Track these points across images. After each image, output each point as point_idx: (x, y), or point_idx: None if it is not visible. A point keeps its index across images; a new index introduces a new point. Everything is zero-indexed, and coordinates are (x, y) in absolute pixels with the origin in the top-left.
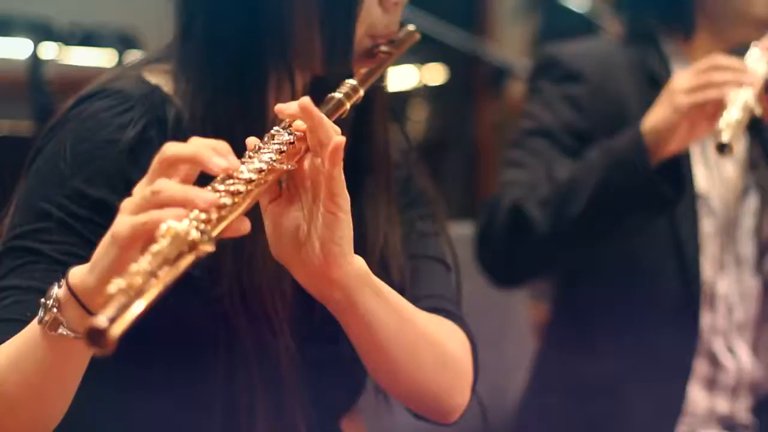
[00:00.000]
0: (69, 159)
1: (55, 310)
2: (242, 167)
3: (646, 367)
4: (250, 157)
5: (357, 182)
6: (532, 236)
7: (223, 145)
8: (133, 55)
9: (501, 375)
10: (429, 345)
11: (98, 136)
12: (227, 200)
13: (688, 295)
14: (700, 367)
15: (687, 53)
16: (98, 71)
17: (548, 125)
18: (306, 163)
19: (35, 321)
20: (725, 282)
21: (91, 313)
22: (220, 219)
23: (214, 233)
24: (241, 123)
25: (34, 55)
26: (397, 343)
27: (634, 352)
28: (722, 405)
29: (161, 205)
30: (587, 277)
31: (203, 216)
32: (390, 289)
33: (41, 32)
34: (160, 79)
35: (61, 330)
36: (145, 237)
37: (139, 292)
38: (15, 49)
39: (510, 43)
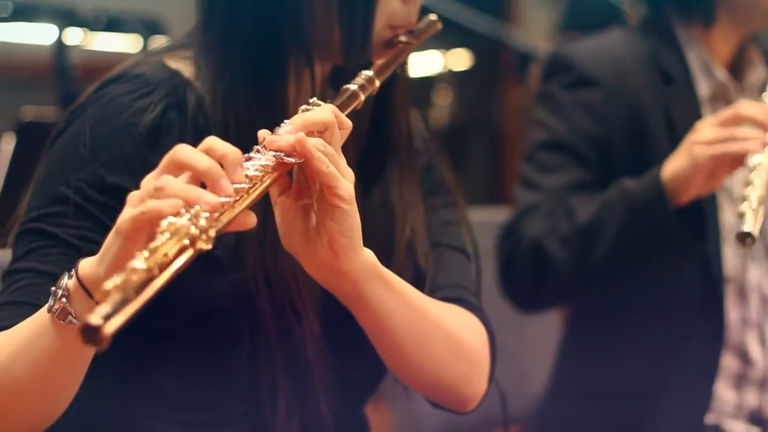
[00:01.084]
0: (88, 143)
1: (64, 299)
2: (247, 164)
3: (670, 366)
4: (258, 151)
5: (381, 168)
6: (553, 275)
7: (234, 156)
8: (158, 41)
9: (523, 361)
10: (441, 335)
11: (118, 120)
12: (231, 199)
13: (712, 289)
14: (729, 363)
15: (704, 42)
16: (123, 57)
17: (561, 135)
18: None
19: (45, 308)
20: (756, 273)
21: (98, 304)
22: (222, 215)
23: (214, 230)
24: (260, 111)
25: (59, 41)
26: (408, 334)
27: (657, 351)
28: (751, 399)
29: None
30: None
31: (206, 214)
32: (400, 280)
33: (66, 18)
34: (180, 64)
35: (69, 319)
36: (147, 229)
37: (137, 289)
38: (40, 34)
39: (535, 28)
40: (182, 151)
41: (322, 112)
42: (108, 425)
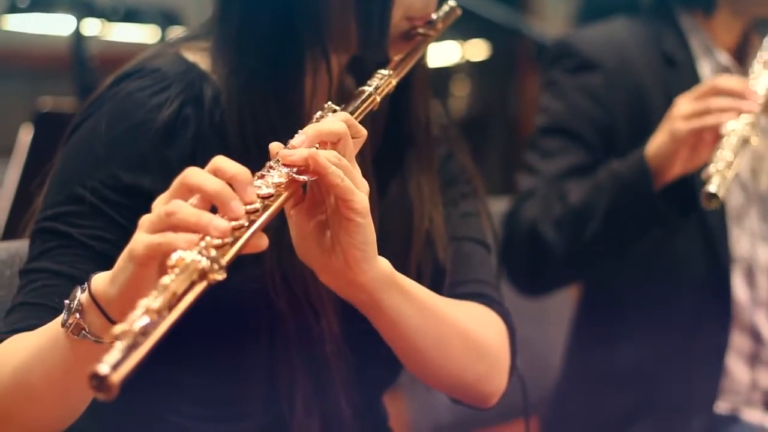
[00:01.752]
0: (104, 141)
1: (77, 315)
2: (259, 182)
3: (680, 347)
4: (270, 167)
5: (400, 159)
6: (549, 257)
7: (244, 177)
8: (176, 31)
9: (541, 352)
10: (460, 337)
11: (134, 117)
12: (243, 221)
13: (719, 270)
14: (742, 342)
15: (706, 29)
16: (141, 47)
17: (562, 119)
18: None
19: (59, 320)
20: (765, 254)
21: (111, 321)
22: (234, 241)
23: (226, 259)
24: (276, 105)
25: (77, 32)
26: (425, 338)
27: (667, 332)
28: (765, 379)
29: (175, 227)
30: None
31: (216, 241)
32: (417, 285)
33: (84, 9)
34: (197, 56)
35: (83, 334)
36: (160, 257)
37: (145, 332)
38: (58, 25)
39: (553, 18)
40: (192, 174)
41: (335, 122)
42: (128, 419)
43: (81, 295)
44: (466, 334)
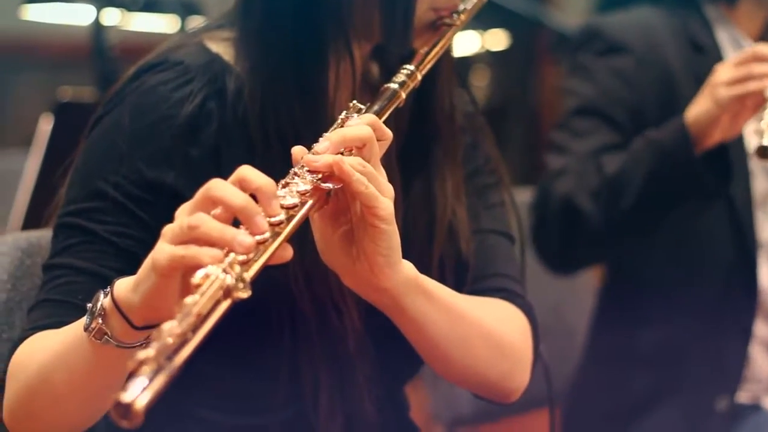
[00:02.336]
0: (127, 136)
1: (100, 320)
2: (284, 191)
3: (703, 332)
4: (295, 174)
5: (424, 151)
6: (585, 229)
7: (268, 189)
8: (195, 21)
9: (559, 342)
10: (483, 337)
11: (157, 112)
12: (267, 233)
13: (745, 255)
14: (764, 330)
15: (731, 18)
16: (160, 37)
17: (593, 100)
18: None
19: (82, 323)
20: None
21: (134, 327)
22: (258, 256)
23: (250, 275)
24: (300, 100)
25: (97, 22)
26: (449, 340)
27: (691, 316)
28: None
29: (198, 241)
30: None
31: (241, 257)
32: (441, 287)
33: None
34: (220, 47)
35: (105, 339)
36: (183, 270)
37: (169, 356)
38: (78, 15)
39: (573, 8)
40: (216, 186)
41: (360, 127)
42: (153, 408)
43: (104, 300)
44: (489, 334)
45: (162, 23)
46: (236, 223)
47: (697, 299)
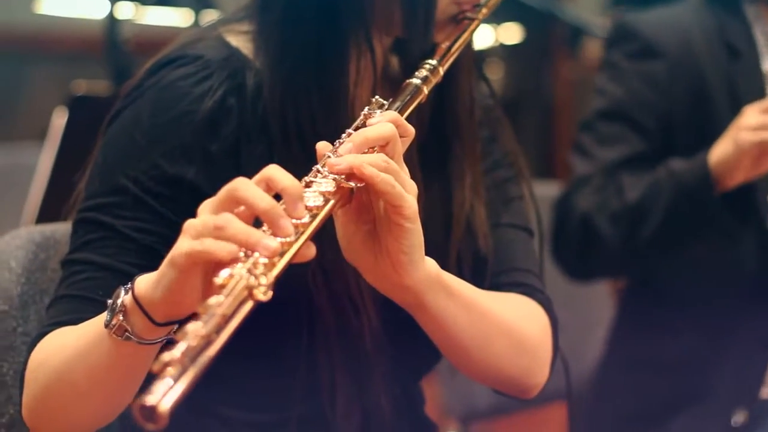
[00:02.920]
0: (146, 131)
1: (121, 316)
2: (308, 192)
3: (725, 339)
4: (318, 172)
5: (443, 146)
6: (602, 249)
7: (294, 190)
8: (210, 15)
9: (573, 336)
10: (504, 333)
11: (176, 108)
12: (291, 236)
13: (767, 262)
14: None
15: None
16: (174, 31)
17: (622, 104)
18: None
19: (102, 319)
20: None
21: (155, 323)
22: (281, 256)
23: (273, 275)
24: (320, 96)
25: (111, 15)
26: (470, 336)
27: (713, 323)
28: None
29: (222, 240)
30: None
31: (263, 260)
32: (463, 284)
33: None
34: (239, 40)
35: (126, 335)
36: (202, 265)
37: (193, 358)
38: (92, 8)
39: (587, 2)
40: (242, 187)
41: (383, 126)
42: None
43: (124, 296)
44: (510, 330)
45: (176, 17)
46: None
47: (721, 307)
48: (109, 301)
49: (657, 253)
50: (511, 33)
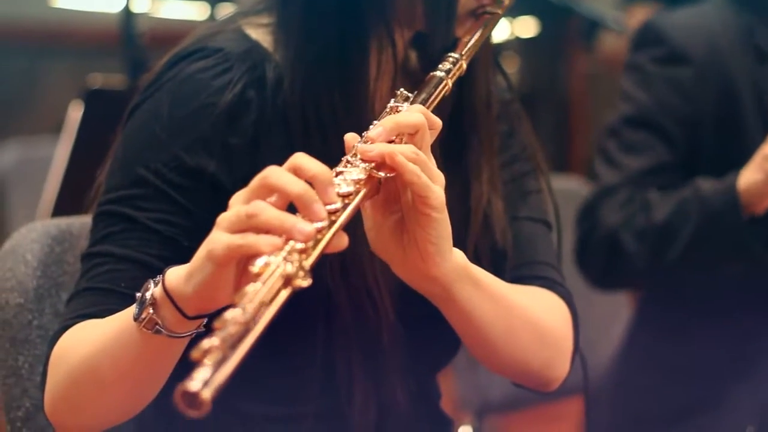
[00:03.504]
0: (166, 124)
1: (151, 310)
2: (338, 179)
3: (744, 348)
4: (348, 162)
5: (460, 140)
6: (627, 265)
7: (325, 177)
8: (226, 9)
9: (589, 330)
10: (528, 326)
11: (196, 100)
12: (324, 222)
13: None
14: None
15: None
16: (190, 24)
17: (649, 111)
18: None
19: (131, 313)
20: None
21: (186, 317)
22: (316, 244)
23: (309, 263)
24: (340, 90)
25: (127, 9)
26: (495, 328)
27: (732, 332)
28: None
29: (256, 229)
30: None
31: (299, 246)
32: (489, 276)
33: None
34: (259, 33)
35: (156, 329)
36: (239, 258)
37: (234, 345)
38: (107, 2)
39: None
40: (273, 174)
41: (413, 114)
42: None
43: (154, 289)
44: (534, 323)
45: (192, 10)
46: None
47: (741, 322)
48: (138, 294)
49: (682, 273)
50: (527, 26)
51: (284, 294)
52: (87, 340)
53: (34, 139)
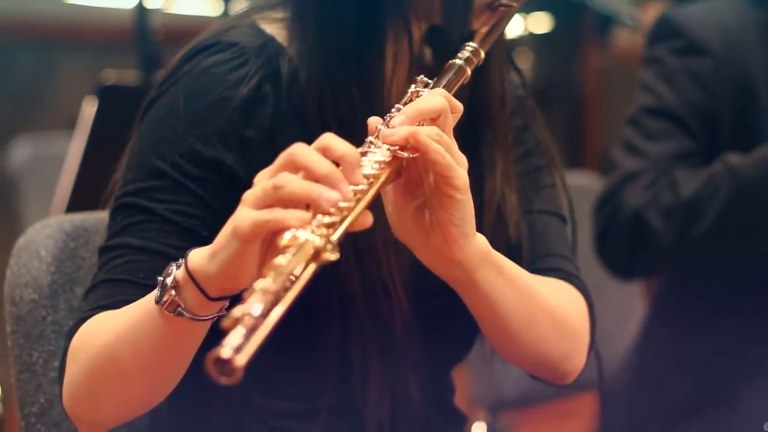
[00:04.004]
0: (182, 116)
1: (173, 292)
2: (363, 160)
3: (758, 343)
4: (371, 143)
5: (474, 133)
6: (653, 246)
7: (353, 157)
8: (239, 4)
9: (605, 324)
10: (548, 315)
11: (212, 94)
12: (351, 202)
13: None
14: None
15: None
16: (204, 20)
17: (669, 103)
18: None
19: (152, 298)
20: None
21: (210, 298)
22: (342, 220)
23: (336, 237)
24: (358, 82)
25: (140, 5)
26: (516, 316)
27: (751, 325)
28: None
29: (283, 201)
30: None
31: (326, 220)
32: (510, 263)
33: None
34: (273, 28)
35: (178, 311)
36: (266, 234)
37: (264, 314)
38: None
39: None
40: (300, 152)
41: (434, 98)
42: (197, 395)
43: (176, 272)
44: (554, 312)
45: (206, 6)
46: None
47: (760, 308)
48: (159, 278)
49: (710, 250)
50: (541, 22)
51: (312, 268)
52: (106, 330)
53: (47, 135)
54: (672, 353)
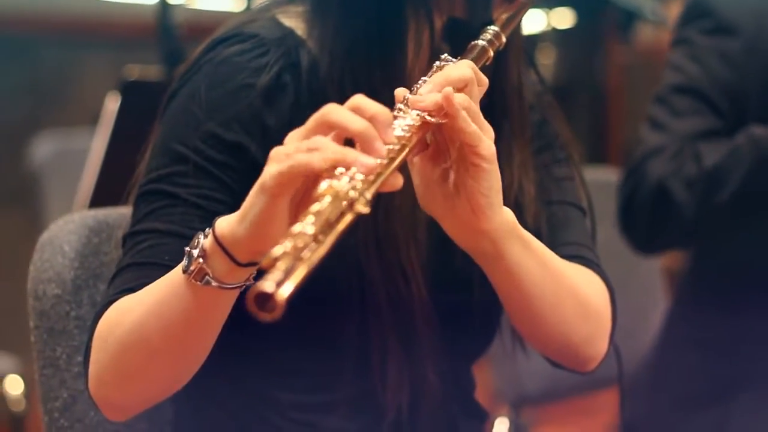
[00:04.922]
0: (204, 103)
1: (201, 260)
2: (394, 123)
3: None
4: (399, 110)
5: (491, 125)
6: (675, 216)
7: (385, 117)
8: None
9: (626, 319)
10: (572, 296)
11: (233, 81)
12: (383, 161)
13: None
14: None
15: None
16: (226, 15)
17: (696, 81)
18: None
19: (178, 269)
20: None
21: (238, 263)
22: (376, 177)
23: (370, 192)
24: (380, 71)
25: (163, 1)
26: (542, 294)
27: None
28: None
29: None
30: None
31: (359, 176)
32: (536, 240)
33: None
34: (293, 21)
35: (206, 279)
36: (294, 185)
37: (302, 256)
38: None
39: None
40: (334, 111)
41: (461, 67)
42: (213, 387)
43: (204, 240)
44: (578, 294)
45: (228, 2)
46: None
47: None
48: (186, 249)
49: (732, 220)
50: (564, 18)
51: (347, 218)
52: (132, 309)
53: (71, 130)
54: (700, 336)
